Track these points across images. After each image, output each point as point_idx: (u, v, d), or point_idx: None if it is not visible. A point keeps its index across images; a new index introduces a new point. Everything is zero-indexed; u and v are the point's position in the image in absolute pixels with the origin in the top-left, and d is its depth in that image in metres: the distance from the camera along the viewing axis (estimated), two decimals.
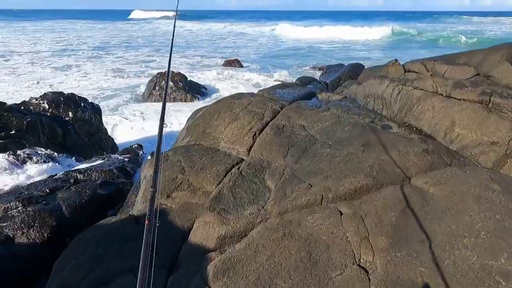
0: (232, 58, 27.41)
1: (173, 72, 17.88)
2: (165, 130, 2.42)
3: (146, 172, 5.27)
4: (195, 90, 18.11)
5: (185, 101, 17.49)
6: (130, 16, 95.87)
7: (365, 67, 10.75)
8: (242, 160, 4.67)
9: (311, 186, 3.49)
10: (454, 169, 3.37)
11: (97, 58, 28.38)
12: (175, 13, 6.10)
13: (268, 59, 28.98)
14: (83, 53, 31.15)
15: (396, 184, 3.34)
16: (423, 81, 5.29)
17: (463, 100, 4.30)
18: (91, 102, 11.54)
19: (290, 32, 44.65)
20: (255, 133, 5.06)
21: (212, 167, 4.52)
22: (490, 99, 4.14)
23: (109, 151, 10.79)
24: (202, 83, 19.68)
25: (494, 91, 4.21)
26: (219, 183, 4.15)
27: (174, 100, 17.23)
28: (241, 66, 25.39)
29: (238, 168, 4.31)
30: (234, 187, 3.89)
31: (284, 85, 8.14)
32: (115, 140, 12.45)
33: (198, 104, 17.12)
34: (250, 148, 4.84)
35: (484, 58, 6.09)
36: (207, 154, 5.02)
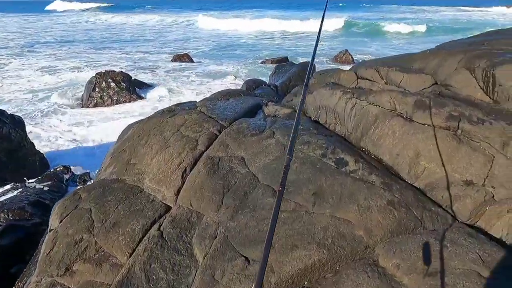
0: (182, 53, 25.75)
1: (114, 71, 16.13)
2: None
3: (53, 221, 4.08)
4: (140, 90, 16.53)
5: (129, 101, 15.90)
6: (49, 7, 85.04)
7: (317, 69, 9.96)
8: (168, 209, 3.64)
9: (248, 262, 2.56)
10: (431, 240, 2.58)
11: (21, 57, 24.86)
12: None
13: (220, 52, 27.58)
14: (5, 50, 27.20)
15: (356, 259, 2.50)
16: (379, 95, 4.50)
17: (428, 125, 3.54)
18: (10, 114, 9.81)
19: (236, 24, 41.81)
20: (185, 170, 4.03)
21: (128, 223, 3.45)
22: (458, 125, 3.41)
23: (38, 170, 9.24)
24: (149, 81, 18.08)
25: (462, 115, 3.49)
26: (133, 251, 3.10)
27: (117, 102, 15.58)
28: (192, 61, 23.88)
29: (159, 227, 3.27)
30: (149, 260, 2.87)
31: (228, 94, 7.12)
32: (47, 155, 10.81)
33: (145, 105, 15.59)
34: (179, 191, 3.82)
35: (441, 63, 5.45)
36: (126, 199, 3.92)
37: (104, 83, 15.68)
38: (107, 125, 12.88)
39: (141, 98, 16.25)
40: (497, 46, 5.35)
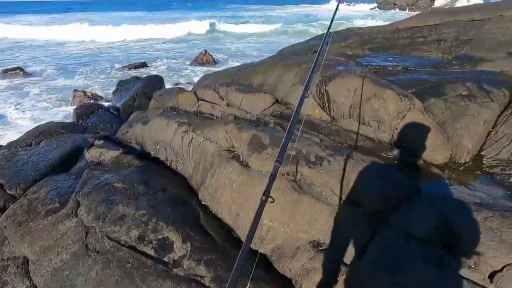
0: (14, 66, 21.02)
1: None
2: None
3: None
4: None
5: None
6: None
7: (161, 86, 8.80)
8: None
9: None
10: None
11: None
12: None
13: (66, 62, 23.52)
14: None
15: None
16: (215, 130, 3.70)
17: (266, 172, 2.87)
18: None
19: (84, 30, 34.75)
20: None
21: None
22: (297, 169, 2.82)
23: None
24: None
25: (299, 154, 2.92)
26: None
27: None
28: (28, 74, 19.64)
29: None
30: None
31: (42, 134, 5.41)
32: None
33: None
34: None
35: (279, 78, 5.02)
36: None
37: None
38: None
39: None
40: (328, 56, 5.20)
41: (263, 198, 1.33)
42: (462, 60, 4.91)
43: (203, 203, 3.31)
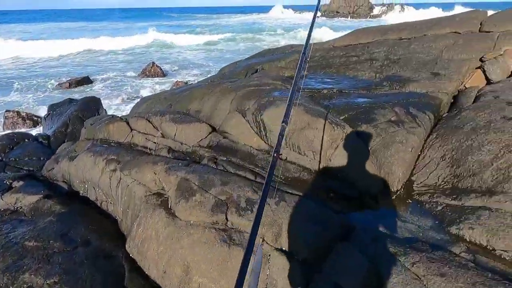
0: None
1: None
2: None
3: None
4: None
5: None
6: None
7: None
8: None
9: None
10: None
11: None
12: None
13: None
14: None
15: None
16: (142, 171, 3.40)
17: (193, 223, 2.64)
18: None
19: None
20: None
21: None
22: (226, 217, 2.63)
23: None
24: None
25: (230, 199, 2.73)
26: None
27: None
28: None
29: None
30: None
31: None
32: None
33: None
34: None
35: (215, 104, 4.82)
36: None
37: None
38: None
39: None
40: (265, 80, 5.11)
41: (275, 156, 1.40)
42: (392, 80, 5.06)
43: (131, 255, 3.01)
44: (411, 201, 3.20)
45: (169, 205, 2.92)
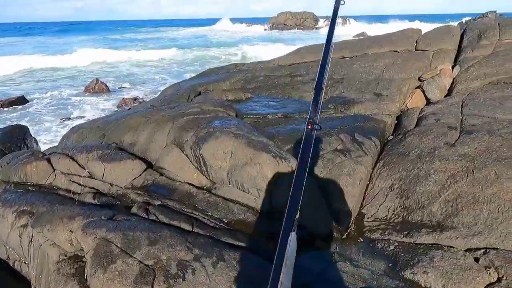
0: None
1: None
2: None
3: None
4: None
5: None
6: None
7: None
8: None
9: None
10: None
11: None
12: None
13: None
14: None
15: None
16: (55, 227, 2.83)
17: None
18: None
19: None
20: None
21: None
22: None
23: None
24: None
25: (159, 265, 2.27)
26: None
27: None
28: None
29: None
30: None
31: None
32: None
33: None
34: None
35: (151, 136, 4.31)
36: None
37: None
38: None
39: None
40: (206, 106, 4.72)
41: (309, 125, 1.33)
42: (336, 102, 4.93)
43: None
44: (362, 240, 2.97)
45: (85, 275, 2.40)
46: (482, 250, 2.51)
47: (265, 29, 63.16)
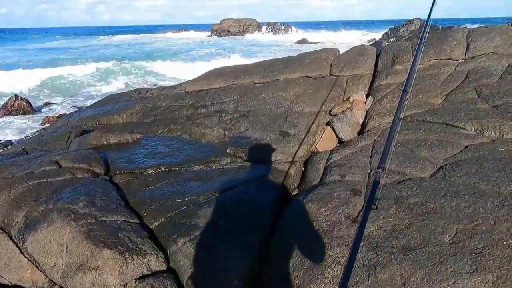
0: None
1: None
2: None
3: None
4: None
5: None
6: None
7: None
8: None
9: None
10: None
11: None
12: None
13: None
14: None
15: None
16: None
17: None
18: None
19: None
20: None
21: None
22: None
23: None
24: None
25: None
26: None
27: None
28: None
29: None
30: None
31: None
32: None
33: None
34: None
35: None
36: None
37: None
38: None
39: None
40: (65, 162, 3.57)
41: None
42: (237, 145, 4.07)
43: None
44: None
45: None
46: None
47: (208, 36, 61.86)
